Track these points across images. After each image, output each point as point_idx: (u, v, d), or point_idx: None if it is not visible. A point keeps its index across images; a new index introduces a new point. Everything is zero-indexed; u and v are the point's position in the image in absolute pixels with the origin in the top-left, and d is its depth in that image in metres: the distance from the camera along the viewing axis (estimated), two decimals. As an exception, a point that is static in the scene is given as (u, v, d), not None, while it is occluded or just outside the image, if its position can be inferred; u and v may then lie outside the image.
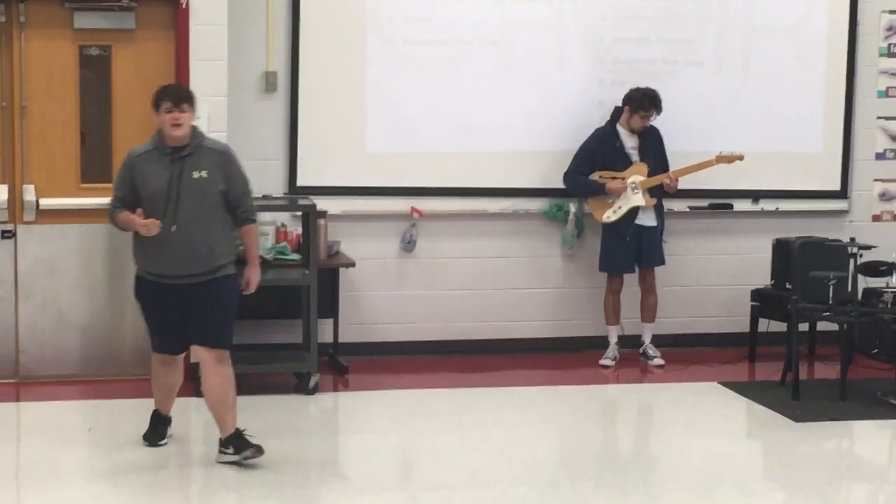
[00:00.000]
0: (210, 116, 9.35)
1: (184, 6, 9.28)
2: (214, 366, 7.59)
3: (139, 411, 8.75)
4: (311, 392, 9.25)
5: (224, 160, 7.58)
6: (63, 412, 8.82)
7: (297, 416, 8.80)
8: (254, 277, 7.74)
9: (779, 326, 10.23)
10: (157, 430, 8.02)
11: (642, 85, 10.25)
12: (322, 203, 9.69)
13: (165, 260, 7.47)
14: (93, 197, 9.47)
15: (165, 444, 7.99)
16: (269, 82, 10.05)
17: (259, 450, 7.57)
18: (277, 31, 10.12)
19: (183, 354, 7.91)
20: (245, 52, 9.98)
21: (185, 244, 7.44)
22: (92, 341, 9.57)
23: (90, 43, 9.48)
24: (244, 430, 7.64)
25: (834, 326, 9.67)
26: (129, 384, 9.40)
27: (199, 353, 7.69)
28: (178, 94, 7.53)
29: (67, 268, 9.51)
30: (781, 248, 10.40)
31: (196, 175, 7.44)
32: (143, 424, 8.09)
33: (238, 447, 7.58)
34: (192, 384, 9.22)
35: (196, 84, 9.36)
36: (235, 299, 7.68)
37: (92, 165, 9.56)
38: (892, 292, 9.74)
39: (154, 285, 7.56)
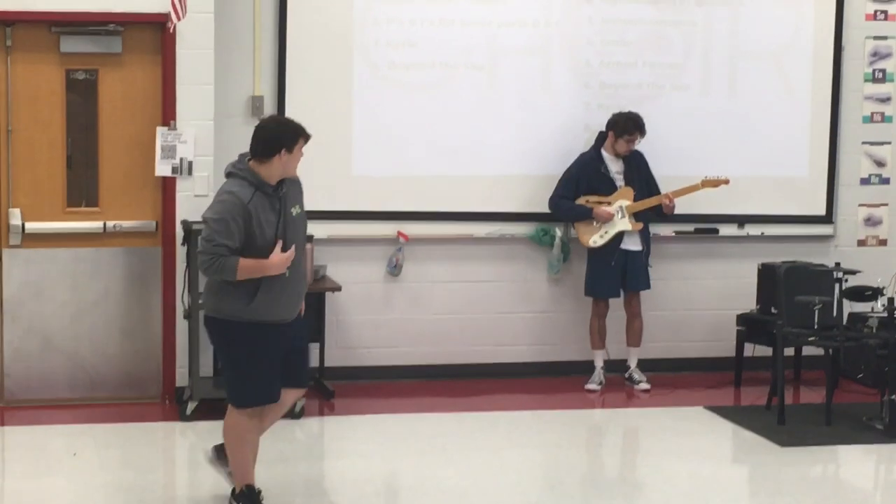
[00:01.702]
0: (197, 140, 9.36)
1: (170, 30, 9.28)
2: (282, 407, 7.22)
3: (124, 436, 8.75)
4: (297, 416, 9.23)
5: (301, 190, 7.23)
6: (48, 437, 8.78)
7: (282, 440, 8.77)
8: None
9: (764, 351, 10.24)
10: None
11: (628, 109, 10.29)
12: (308, 227, 9.65)
13: (285, 303, 6.97)
14: (79, 221, 9.48)
15: None
16: (256, 106, 10.04)
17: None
18: (264, 56, 10.13)
19: None
20: (231, 77, 9.98)
21: (297, 283, 7.07)
22: (77, 365, 9.54)
23: (77, 67, 9.46)
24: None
25: (819, 351, 9.68)
26: (115, 408, 9.38)
27: (289, 395, 7.19)
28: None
29: (53, 292, 9.48)
30: (767, 273, 10.41)
31: (294, 212, 7.08)
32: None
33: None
34: (178, 407, 9.24)
35: (182, 108, 9.40)
36: None
37: (78, 189, 9.55)
38: (877, 317, 9.76)
39: (267, 328, 6.92)
